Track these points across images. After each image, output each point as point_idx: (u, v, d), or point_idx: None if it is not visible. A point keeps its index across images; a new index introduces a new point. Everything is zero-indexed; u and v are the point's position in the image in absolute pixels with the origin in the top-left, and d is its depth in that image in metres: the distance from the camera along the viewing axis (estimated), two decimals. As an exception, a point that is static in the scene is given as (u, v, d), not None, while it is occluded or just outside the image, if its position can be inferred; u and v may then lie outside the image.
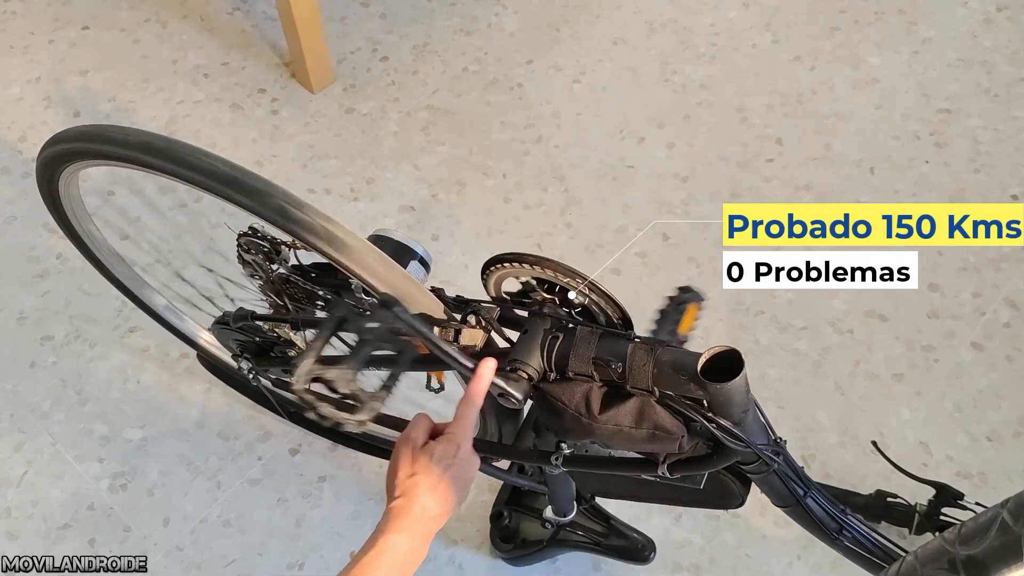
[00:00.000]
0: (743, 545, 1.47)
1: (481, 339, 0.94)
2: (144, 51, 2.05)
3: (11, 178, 1.87)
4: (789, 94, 1.97)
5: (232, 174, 0.95)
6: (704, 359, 0.81)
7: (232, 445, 1.57)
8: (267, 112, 1.96)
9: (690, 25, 2.08)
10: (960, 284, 1.72)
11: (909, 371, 1.63)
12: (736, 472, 1.06)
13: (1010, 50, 2.03)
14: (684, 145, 1.90)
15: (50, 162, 1.09)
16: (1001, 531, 0.68)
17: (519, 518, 1.42)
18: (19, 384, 1.63)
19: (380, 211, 1.82)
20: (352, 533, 1.50)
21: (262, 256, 1.14)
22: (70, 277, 1.74)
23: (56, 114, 1.96)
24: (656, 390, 0.86)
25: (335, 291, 1.10)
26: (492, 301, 0.99)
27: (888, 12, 2.09)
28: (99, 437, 1.58)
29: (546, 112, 1.96)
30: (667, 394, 0.86)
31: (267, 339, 1.22)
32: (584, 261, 1.75)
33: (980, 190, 1.83)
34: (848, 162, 1.87)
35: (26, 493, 1.53)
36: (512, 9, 2.12)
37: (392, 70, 2.02)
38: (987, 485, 1.52)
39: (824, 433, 1.57)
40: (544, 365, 0.91)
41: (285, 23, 1.89)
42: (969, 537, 0.70)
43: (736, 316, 1.69)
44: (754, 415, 0.89)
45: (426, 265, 1.13)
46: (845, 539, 1.08)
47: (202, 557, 1.48)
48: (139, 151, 0.98)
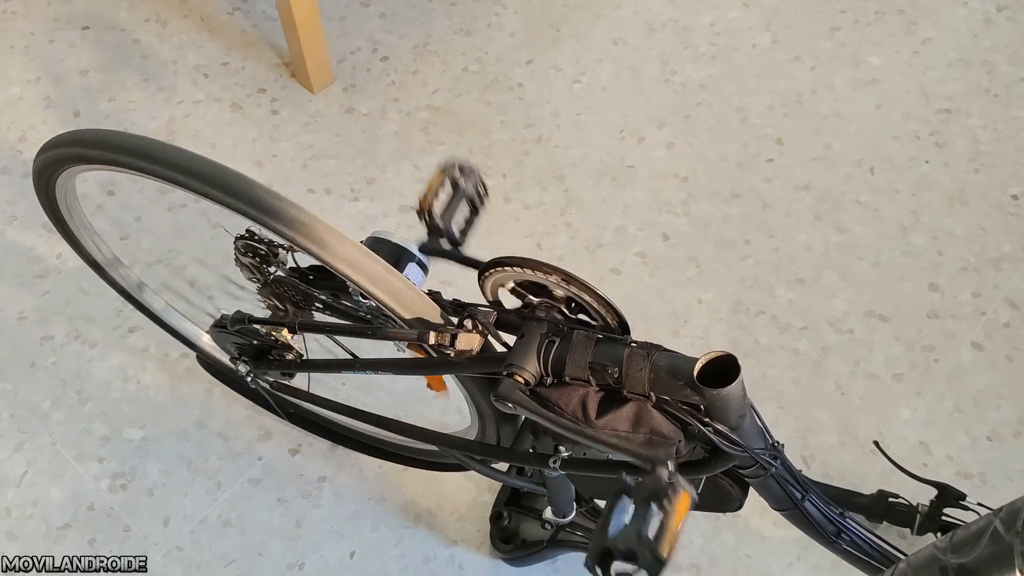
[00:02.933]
0: (743, 545, 1.48)
1: (477, 343, 0.94)
2: (144, 51, 2.05)
3: (11, 178, 1.87)
4: (789, 94, 1.97)
5: (223, 178, 0.95)
6: (700, 364, 0.81)
7: (232, 445, 1.58)
8: (267, 112, 1.96)
9: (690, 25, 2.08)
10: (960, 284, 1.72)
11: (909, 371, 1.63)
12: (734, 476, 1.06)
13: (1010, 50, 2.02)
14: (684, 145, 1.90)
15: (46, 166, 1.08)
16: (993, 540, 0.68)
17: (519, 519, 1.42)
18: (19, 384, 1.63)
19: (380, 211, 1.82)
20: (352, 533, 1.50)
21: (259, 259, 1.14)
22: (70, 277, 1.74)
23: (56, 114, 1.96)
24: (653, 395, 0.86)
25: (333, 294, 1.10)
26: (489, 305, 0.99)
27: (888, 12, 2.09)
28: (99, 437, 1.58)
29: (546, 112, 1.95)
30: (664, 399, 0.86)
31: (265, 342, 1.22)
32: (584, 261, 1.75)
33: (980, 190, 1.83)
34: (848, 162, 1.87)
35: (26, 493, 1.53)
36: (512, 9, 2.12)
37: (392, 70, 2.02)
38: (987, 485, 1.52)
39: (824, 433, 1.57)
40: (541, 369, 0.91)
41: (285, 23, 1.89)
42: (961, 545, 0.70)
43: (736, 316, 1.69)
44: (751, 419, 0.89)
45: (424, 267, 1.12)
46: (843, 542, 1.08)
47: (202, 557, 1.48)
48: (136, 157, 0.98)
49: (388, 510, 1.52)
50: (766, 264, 1.74)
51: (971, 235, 1.78)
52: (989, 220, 1.79)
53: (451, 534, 1.50)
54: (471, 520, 1.51)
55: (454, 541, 1.49)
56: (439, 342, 0.93)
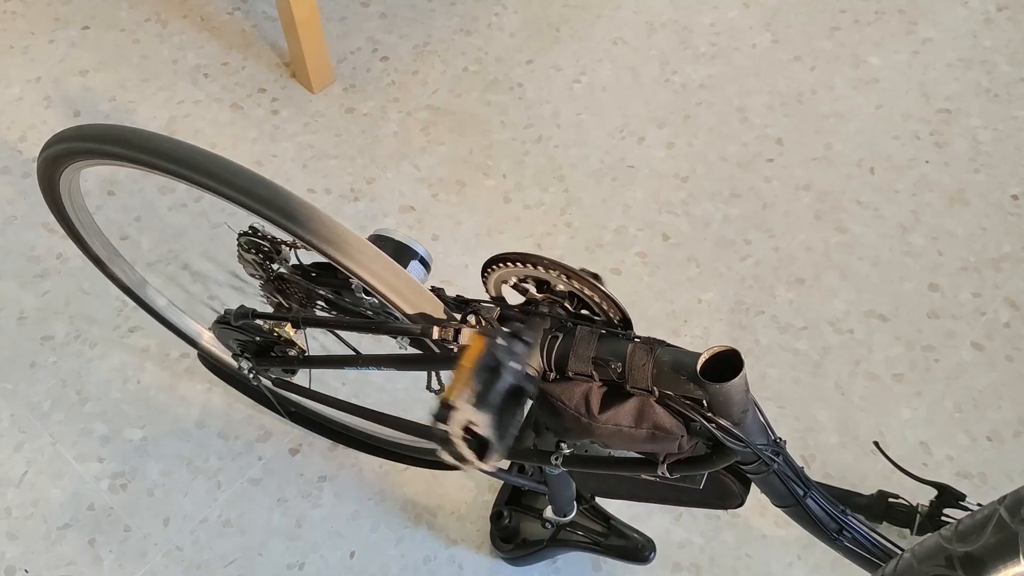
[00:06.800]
0: (743, 545, 1.47)
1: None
2: (144, 51, 2.05)
3: (11, 178, 1.87)
4: (789, 94, 1.97)
5: (232, 174, 0.95)
6: (703, 359, 0.81)
7: (232, 445, 1.57)
8: (267, 112, 1.96)
9: (690, 25, 2.09)
10: (960, 284, 1.72)
11: (909, 371, 1.63)
12: (736, 472, 1.06)
13: (1010, 50, 2.03)
14: (684, 145, 1.90)
15: (51, 161, 1.09)
16: (998, 528, 0.68)
17: (519, 518, 1.42)
18: (19, 384, 1.63)
19: (380, 211, 1.82)
20: (352, 533, 1.50)
21: (262, 256, 1.14)
22: (70, 277, 1.74)
23: (56, 114, 1.96)
24: (655, 390, 0.86)
25: (335, 291, 1.10)
26: (492, 301, 0.99)
27: (888, 12, 2.10)
28: (99, 437, 1.58)
29: (546, 112, 1.96)
30: (667, 394, 0.86)
31: (268, 339, 1.22)
32: (584, 261, 1.75)
33: (980, 190, 1.83)
34: (848, 162, 1.87)
35: (26, 493, 1.53)
36: (512, 9, 2.12)
37: (392, 70, 2.02)
38: (987, 485, 1.52)
39: (824, 433, 1.57)
40: (544, 365, 0.91)
41: (285, 23, 1.89)
42: (966, 534, 0.71)
43: (736, 316, 1.69)
44: (753, 415, 0.89)
45: (426, 265, 1.13)
46: (845, 539, 1.08)
47: (202, 557, 1.48)
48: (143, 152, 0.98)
49: (388, 510, 1.52)
50: (766, 264, 1.75)
51: (971, 235, 1.78)
52: (989, 220, 1.80)
53: (451, 534, 1.50)
54: (471, 520, 1.51)
55: (454, 541, 1.49)
56: (443, 337, 0.93)
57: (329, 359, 1.23)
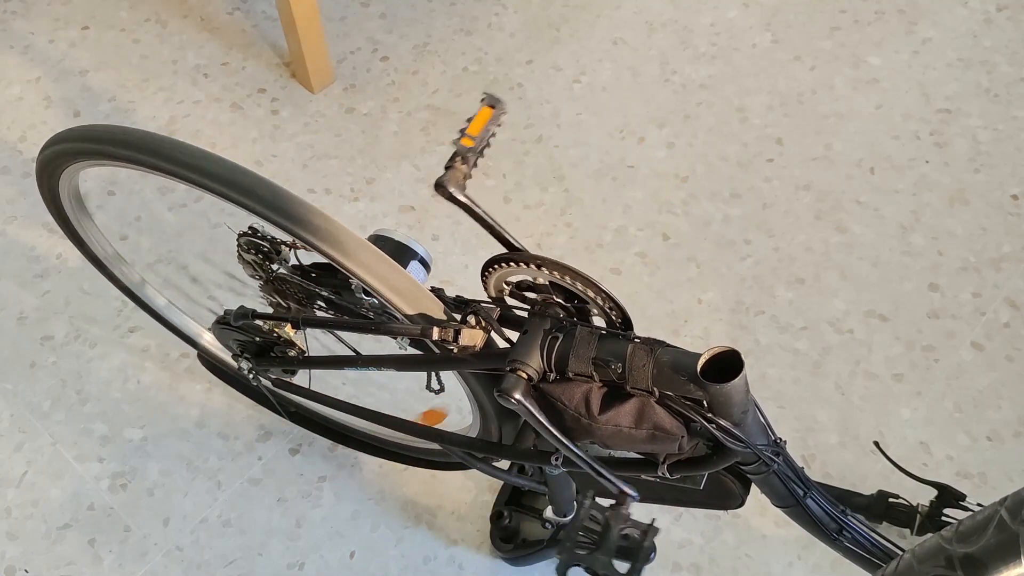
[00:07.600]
0: (743, 545, 1.48)
1: (481, 339, 0.94)
2: (144, 51, 2.05)
3: (11, 178, 1.87)
4: (789, 94, 1.97)
5: (233, 175, 0.95)
6: (704, 359, 0.81)
7: (232, 445, 1.57)
8: (267, 112, 1.96)
9: (690, 25, 2.08)
10: (960, 284, 1.72)
11: (909, 371, 1.63)
12: (736, 473, 1.06)
13: (1010, 50, 2.03)
14: (684, 145, 1.90)
15: (50, 161, 1.09)
16: (998, 529, 0.68)
17: (519, 518, 1.42)
18: (19, 384, 1.63)
19: (380, 211, 1.82)
20: (352, 533, 1.50)
21: (262, 256, 1.14)
22: (70, 277, 1.74)
23: (56, 114, 1.96)
24: (656, 390, 0.86)
25: (335, 291, 1.10)
26: (492, 301, 0.99)
27: (888, 12, 2.09)
28: (99, 437, 1.58)
29: (546, 112, 1.96)
30: (667, 394, 0.86)
31: (267, 339, 1.22)
32: (584, 261, 1.75)
33: (980, 190, 1.83)
34: (848, 162, 1.87)
35: (26, 493, 1.53)
36: (512, 9, 2.12)
37: (392, 70, 2.02)
38: (987, 485, 1.52)
39: (824, 433, 1.57)
40: (544, 365, 0.91)
41: (285, 23, 1.89)
42: (966, 535, 0.71)
43: (736, 316, 1.69)
44: (754, 415, 0.89)
45: (426, 265, 1.12)
46: (845, 539, 1.08)
47: (202, 557, 1.48)
48: (143, 152, 0.98)
49: (388, 510, 1.52)
50: (766, 264, 1.75)
51: (971, 235, 1.78)
52: (989, 220, 1.80)
53: (451, 534, 1.50)
54: (471, 520, 1.51)
55: (454, 541, 1.49)
56: (442, 338, 0.93)
57: (329, 359, 1.23)
